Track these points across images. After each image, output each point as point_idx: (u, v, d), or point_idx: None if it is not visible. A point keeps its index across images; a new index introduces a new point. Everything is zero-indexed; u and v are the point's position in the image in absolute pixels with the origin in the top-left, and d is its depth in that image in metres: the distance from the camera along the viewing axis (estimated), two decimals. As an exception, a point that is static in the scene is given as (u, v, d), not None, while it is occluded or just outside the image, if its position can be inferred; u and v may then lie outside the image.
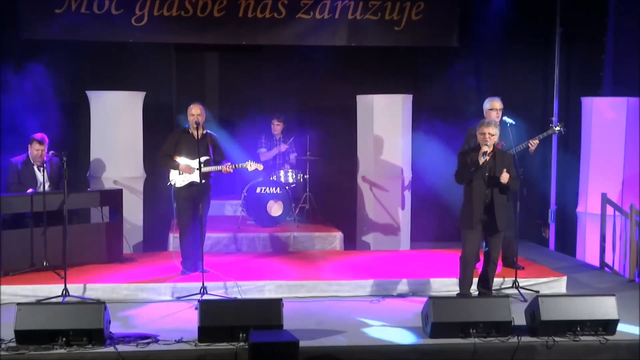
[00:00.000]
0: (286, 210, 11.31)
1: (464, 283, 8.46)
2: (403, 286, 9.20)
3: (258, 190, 11.27)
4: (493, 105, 9.61)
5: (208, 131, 9.39)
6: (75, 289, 8.68)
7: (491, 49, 12.63)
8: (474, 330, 7.37)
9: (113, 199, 10.11)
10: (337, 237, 11.14)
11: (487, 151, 8.17)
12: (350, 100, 12.07)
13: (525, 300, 8.55)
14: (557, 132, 9.70)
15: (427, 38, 12.34)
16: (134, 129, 11.16)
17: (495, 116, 9.51)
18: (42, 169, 9.75)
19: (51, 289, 8.71)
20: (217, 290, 8.87)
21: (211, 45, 12.47)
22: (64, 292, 8.51)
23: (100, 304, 7.21)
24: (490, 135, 8.26)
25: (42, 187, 9.71)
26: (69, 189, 8.82)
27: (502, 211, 8.34)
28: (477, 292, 8.61)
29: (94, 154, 11.12)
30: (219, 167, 9.29)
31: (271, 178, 11.52)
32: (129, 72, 11.94)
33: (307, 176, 11.89)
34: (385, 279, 9.29)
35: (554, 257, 11.53)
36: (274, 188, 11.30)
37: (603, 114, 11.48)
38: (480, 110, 9.73)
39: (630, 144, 11.35)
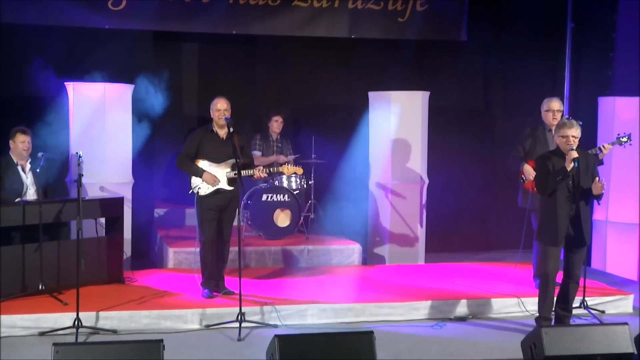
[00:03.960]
0: (294, 220, 10.03)
1: (545, 304, 7.39)
2: (460, 307, 8.11)
3: (264, 197, 9.94)
4: (550, 107, 8.57)
5: (232, 130, 8.07)
6: (86, 317, 7.24)
7: (500, 44, 11.77)
8: (591, 364, 6.37)
9: (114, 208, 8.64)
10: (355, 250, 9.96)
11: (577, 157, 7.16)
12: (355, 97, 10.93)
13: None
14: (623, 143, 8.45)
15: (433, 31, 11.33)
16: (123, 126, 9.61)
17: (552, 119, 8.51)
18: (26, 170, 8.30)
19: (57, 319, 7.30)
20: (252, 316, 7.60)
21: (193, 33, 11.10)
22: (77, 322, 7.07)
23: (157, 341, 5.80)
24: (574, 139, 7.26)
25: (28, 191, 8.26)
26: (57, 196, 8.25)
27: (588, 223, 7.35)
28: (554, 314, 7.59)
29: (74, 155, 9.54)
30: (251, 172, 7.99)
31: (275, 183, 10.18)
32: (109, 63, 10.34)
33: (312, 182, 10.63)
34: (439, 299, 8.17)
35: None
36: (281, 195, 9.98)
37: (621, 115, 10.63)
38: (485, 108, 8.69)
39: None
